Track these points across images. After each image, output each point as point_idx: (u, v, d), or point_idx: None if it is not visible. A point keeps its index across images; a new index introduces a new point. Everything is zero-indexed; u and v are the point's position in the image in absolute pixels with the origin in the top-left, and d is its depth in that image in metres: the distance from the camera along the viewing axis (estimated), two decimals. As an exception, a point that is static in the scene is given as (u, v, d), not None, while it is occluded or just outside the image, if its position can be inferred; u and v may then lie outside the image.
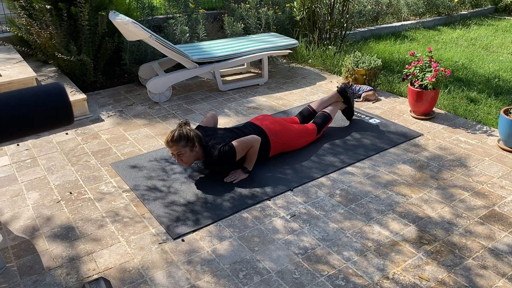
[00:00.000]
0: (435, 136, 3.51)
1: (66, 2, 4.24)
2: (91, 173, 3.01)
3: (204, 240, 2.37)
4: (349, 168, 3.05)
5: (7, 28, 4.55)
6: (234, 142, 2.80)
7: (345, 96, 3.57)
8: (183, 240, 2.37)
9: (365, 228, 2.46)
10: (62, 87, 0.88)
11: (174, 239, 2.38)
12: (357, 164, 3.11)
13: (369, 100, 4.20)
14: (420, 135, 3.52)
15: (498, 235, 2.40)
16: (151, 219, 2.54)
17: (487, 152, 3.27)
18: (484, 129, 3.62)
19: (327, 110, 3.47)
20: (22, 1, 4.24)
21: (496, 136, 3.51)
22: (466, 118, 3.83)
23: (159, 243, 2.35)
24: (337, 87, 3.51)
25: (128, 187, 2.85)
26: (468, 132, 3.57)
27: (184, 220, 2.52)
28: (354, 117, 3.85)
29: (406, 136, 3.49)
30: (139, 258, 2.24)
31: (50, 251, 2.30)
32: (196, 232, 2.43)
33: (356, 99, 4.22)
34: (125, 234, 2.42)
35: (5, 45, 4.65)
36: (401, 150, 3.29)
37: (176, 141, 2.73)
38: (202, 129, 3.00)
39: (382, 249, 2.30)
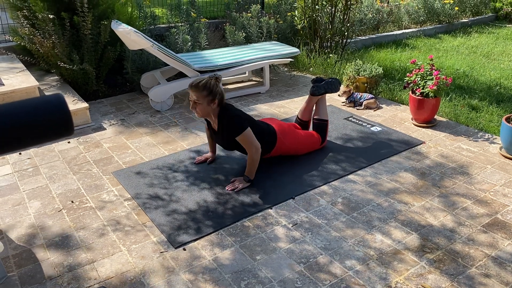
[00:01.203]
0: (436, 144, 3.51)
1: (69, 12, 4.27)
2: (93, 182, 3.01)
3: (206, 249, 2.36)
4: (350, 176, 3.05)
5: (10, 38, 4.58)
6: (248, 128, 2.82)
7: (322, 93, 3.39)
8: (184, 249, 2.36)
9: (367, 236, 2.45)
10: (62, 98, 0.89)
11: (176, 248, 2.37)
12: (358, 172, 3.11)
13: (370, 108, 4.20)
14: (421, 143, 3.52)
15: (501, 244, 2.39)
16: (152, 227, 2.54)
17: (489, 160, 3.26)
18: (486, 137, 3.61)
19: (319, 115, 3.37)
20: (25, 11, 4.27)
21: (498, 143, 3.50)
22: (467, 126, 3.83)
23: (161, 252, 2.34)
24: (311, 80, 3.44)
25: (129, 196, 2.85)
26: (470, 140, 3.57)
27: (185, 228, 2.51)
28: (355, 124, 3.85)
29: (408, 144, 3.49)
30: (140, 267, 2.24)
31: (51, 260, 2.29)
32: (198, 240, 2.43)
33: (357, 107, 4.23)
34: (127, 243, 2.41)
35: (8, 55, 4.69)
36: (402, 158, 3.29)
37: (200, 88, 2.71)
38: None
39: (384, 257, 2.29)
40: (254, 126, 2.94)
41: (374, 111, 4.17)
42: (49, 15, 4.11)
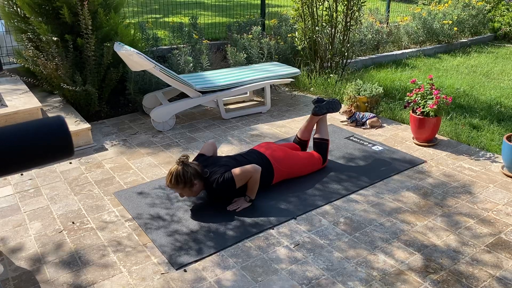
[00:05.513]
0: (438, 163, 3.50)
1: (72, 34, 4.33)
2: (94, 202, 3.00)
3: (207, 270, 2.34)
4: (353, 196, 3.04)
5: (15, 60, 4.64)
6: (233, 171, 2.80)
7: (324, 113, 3.39)
8: (185, 270, 2.34)
9: (370, 257, 2.43)
10: (63, 120, 0.89)
11: (177, 269, 2.35)
12: (361, 191, 3.09)
13: (374, 127, 4.22)
14: (423, 162, 3.51)
15: (506, 264, 2.36)
16: (153, 248, 2.52)
17: (491, 178, 3.25)
18: (488, 156, 3.61)
19: (320, 135, 3.37)
20: (29, 33, 4.34)
21: (499, 162, 3.49)
22: (469, 145, 3.83)
23: (161, 274, 2.32)
24: (313, 101, 3.45)
25: (130, 216, 2.83)
26: (471, 159, 3.56)
27: (186, 249, 2.50)
28: (357, 144, 3.85)
29: (410, 163, 3.48)
30: (141, 289, 2.21)
31: (51, 282, 2.27)
32: (199, 262, 2.41)
33: (362, 127, 4.24)
34: (127, 264, 2.39)
35: (11, 76, 4.74)
36: (404, 177, 3.28)
37: (174, 184, 2.76)
38: (203, 158, 2.99)
39: (387, 278, 2.26)
40: (240, 164, 2.95)
41: (376, 129, 4.18)
42: (53, 38, 4.18)
